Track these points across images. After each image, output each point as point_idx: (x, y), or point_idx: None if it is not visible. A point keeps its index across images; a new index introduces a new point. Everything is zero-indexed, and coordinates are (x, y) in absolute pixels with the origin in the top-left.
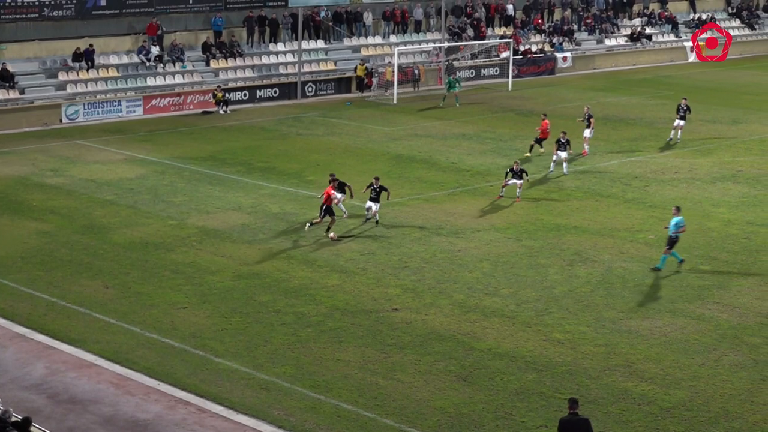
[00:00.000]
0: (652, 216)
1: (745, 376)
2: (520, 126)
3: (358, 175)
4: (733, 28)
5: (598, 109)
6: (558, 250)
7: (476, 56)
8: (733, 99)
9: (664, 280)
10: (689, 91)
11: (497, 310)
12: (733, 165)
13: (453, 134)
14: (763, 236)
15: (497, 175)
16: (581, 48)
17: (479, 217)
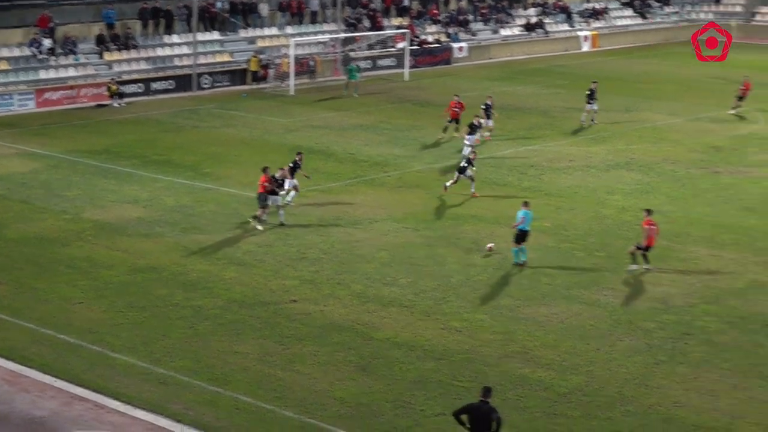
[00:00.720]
0: (548, 204)
1: (639, 361)
2: (417, 116)
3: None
4: (625, 17)
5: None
6: (455, 239)
7: (373, 47)
8: (626, 87)
9: (560, 267)
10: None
11: (395, 299)
12: (626, 153)
13: (350, 125)
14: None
15: (395, 166)
16: (477, 38)
17: (377, 207)
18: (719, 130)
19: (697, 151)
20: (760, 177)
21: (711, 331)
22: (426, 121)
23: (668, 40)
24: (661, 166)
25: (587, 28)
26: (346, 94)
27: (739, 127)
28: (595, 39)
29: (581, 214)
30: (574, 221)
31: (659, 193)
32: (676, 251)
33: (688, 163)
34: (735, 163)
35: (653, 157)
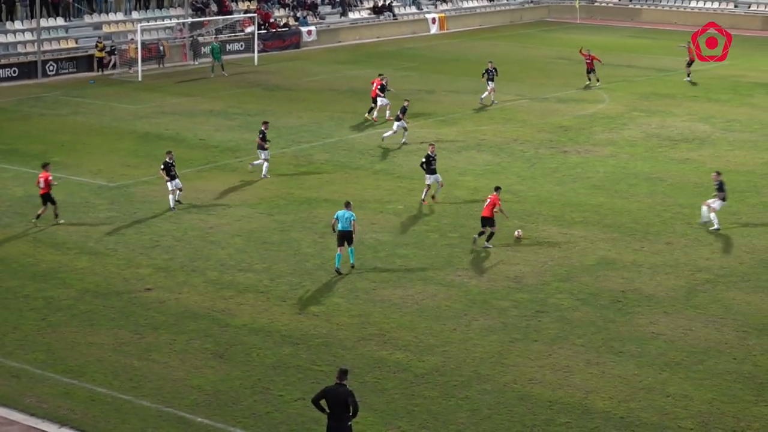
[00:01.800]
0: (400, 186)
1: (495, 339)
2: (267, 101)
3: (105, 155)
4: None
5: (343, 82)
6: (310, 223)
7: (221, 31)
8: (475, 69)
9: (414, 249)
10: (432, 62)
11: (251, 285)
12: (476, 134)
13: (200, 111)
14: (507, 203)
15: (246, 151)
16: (325, 21)
17: (230, 193)
18: (565, 110)
19: (545, 131)
20: (606, 156)
21: (564, 308)
22: (276, 105)
23: (514, 21)
24: (511, 147)
25: (435, 11)
26: (213, 76)
27: (584, 107)
28: (443, 21)
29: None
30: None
31: (510, 173)
32: (527, 230)
33: (536, 143)
34: (582, 142)
35: (503, 138)
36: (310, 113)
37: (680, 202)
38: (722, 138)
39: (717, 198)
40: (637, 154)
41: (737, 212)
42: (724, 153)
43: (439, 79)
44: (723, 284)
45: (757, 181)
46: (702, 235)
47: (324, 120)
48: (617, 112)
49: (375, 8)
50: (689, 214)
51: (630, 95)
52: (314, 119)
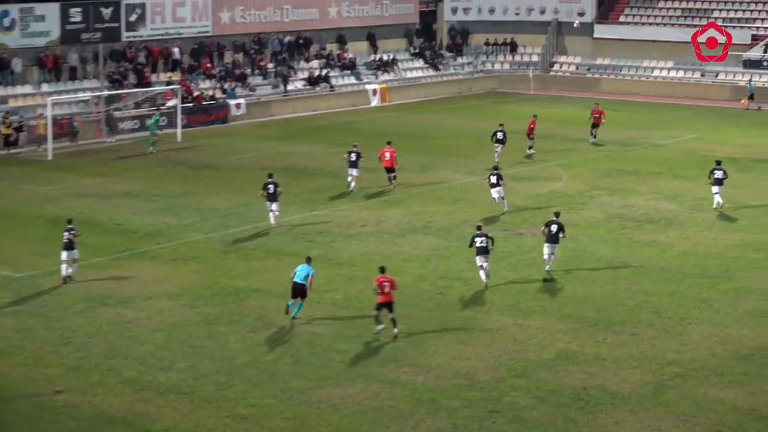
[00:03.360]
0: (339, 274)
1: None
2: (191, 181)
3: (11, 242)
4: (416, 69)
5: (276, 160)
6: (238, 315)
7: (140, 105)
8: (420, 144)
9: (355, 343)
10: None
11: (173, 386)
12: (422, 215)
13: (117, 192)
14: (456, 290)
15: (168, 236)
16: (256, 94)
17: (150, 283)
18: (519, 189)
19: (498, 211)
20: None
21: (520, 407)
22: (202, 185)
23: (462, 93)
24: (460, 230)
25: (375, 82)
26: (153, 151)
27: (540, 185)
28: (384, 93)
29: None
30: (368, 292)
31: (459, 258)
32: (479, 321)
33: (488, 225)
34: (538, 223)
35: (451, 220)
36: (239, 194)
37: (646, 288)
38: (690, 218)
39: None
40: (599, 237)
41: (708, 299)
42: (692, 234)
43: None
44: (694, 379)
45: (729, 264)
46: (670, 325)
47: (254, 201)
48: (576, 191)
49: (310, 79)
50: (656, 303)
51: (590, 172)
52: (244, 201)
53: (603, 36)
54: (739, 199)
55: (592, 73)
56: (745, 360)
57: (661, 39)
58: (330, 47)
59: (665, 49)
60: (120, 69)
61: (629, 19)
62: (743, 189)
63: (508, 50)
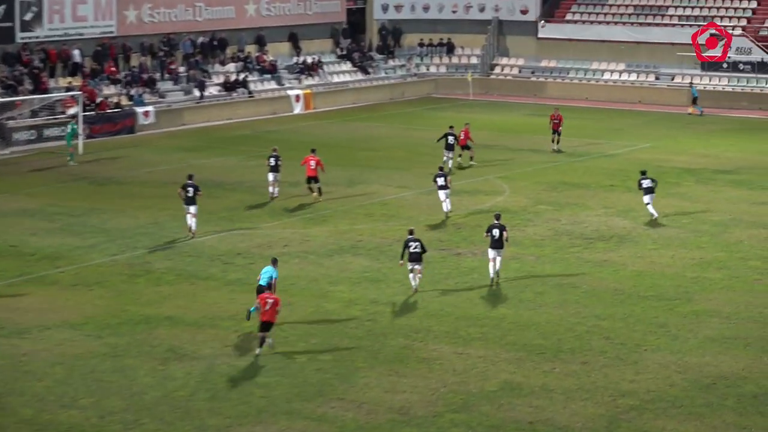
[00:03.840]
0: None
1: None
2: (95, 197)
3: None
4: (343, 72)
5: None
6: (148, 346)
7: (37, 113)
8: (349, 156)
9: (278, 377)
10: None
11: (76, 425)
12: (351, 234)
13: (11, 210)
14: (389, 316)
15: (69, 259)
16: (166, 100)
17: (49, 311)
18: (458, 204)
19: (434, 229)
20: (508, 258)
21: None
22: (107, 203)
23: (395, 99)
24: (394, 249)
25: (299, 87)
26: (73, 163)
27: (480, 200)
28: (308, 99)
29: (300, 310)
30: (291, 319)
31: (392, 281)
32: (415, 350)
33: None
34: (478, 242)
35: (383, 239)
36: (148, 211)
37: (597, 312)
38: (645, 235)
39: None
40: (545, 256)
41: (665, 323)
42: (647, 252)
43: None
44: (650, 411)
45: (688, 286)
46: (624, 352)
47: (165, 219)
48: (520, 206)
49: (226, 84)
50: (608, 328)
51: (535, 185)
52: (153, 219)
53: (548, 36)
54: (699, 214)
55: (536, 77)
56: (706, 390)
57: (611, 39)
58: (248, 49)
59: (617, 49)
60: (14, 73)
61: (577, 17)
62: (703, 203)
63: (444, 51)
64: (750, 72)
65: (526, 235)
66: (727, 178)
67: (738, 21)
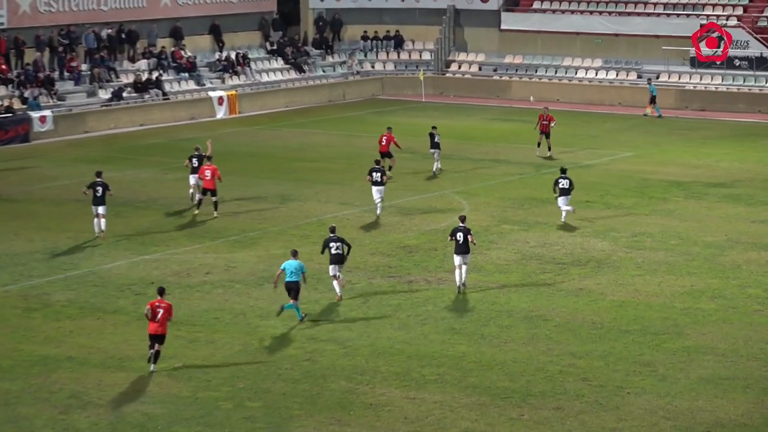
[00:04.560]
0: (177, 336)
1: None
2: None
3: None
4: (274, 70)
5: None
6: (47, 392)
7: None
8: (281, 168)
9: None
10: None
11: None
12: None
13: None
14: (329, 355)
15: None
16: (66, 104)
17: None
18: (409, 225)
19: (381, 253)
20: (468, 287)
21: None
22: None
23: (335, 101)
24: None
25: (222, 87)
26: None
27: (434, 219)
28: (233, 102)
29: (225, 348)
30: (215, 359)
31: (333, 313)
32: (360, 394)
33: (369, 270)
34: (433, 268)
35: (322, 265)
36: (45, 234)
37: (572, 349)
38: (627, 258)
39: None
40: (511, 284)
41: (651, 362)
42: (630, 279)
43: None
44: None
45: (678, 317)
46: (603, 396)
47: (65, 243)
48: (481, 226)
49: (137, 84)
50: (585, 367)
51: (498, 201)
52: (51, 242)
53: (513, 27)
54: (690, 234)
55: (499, 75)
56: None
57: (586, 31)
58: (162, 43)
59: (592, 43)
60: None
61: (546, 5)
62: (694, 221)
63: (392, 46)
64: (747, 69)
65: (489, 260)
66: (721, 192)
67: (733, 10)
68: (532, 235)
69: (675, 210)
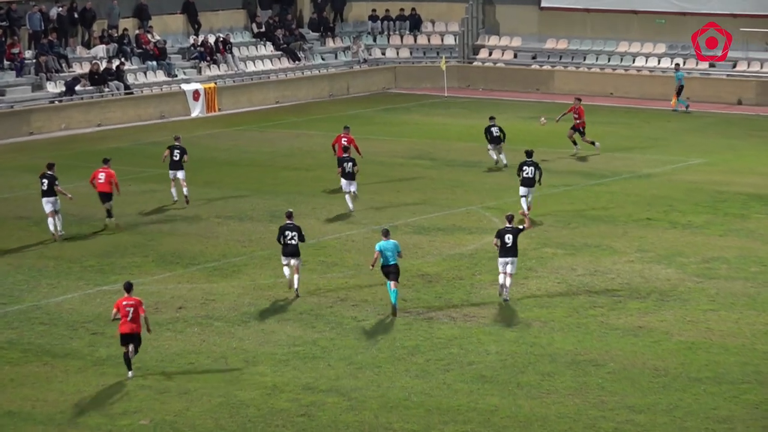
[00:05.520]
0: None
1: None
2: None
3: None
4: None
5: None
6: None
7: None
8: (269, 178)
9: None
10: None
11: None
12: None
13: None
14: (331, 410)
15: None
16: (6, 99)
17: None
18: (428, 247)
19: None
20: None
21: None
22: None
23: (336, 95)
24: (336, 312)
25: (198, 79)
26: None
27: (461, 241)
28: (212, 96)
29: (202, 401)
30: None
31: (335, 357)
32: None
33: (380, 304)
34: (459, 302)
35: (322, 297)
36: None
37: (630, 402)
38: (698, 290)
39: None
40: (555, 321)
41: (729, 418)
42: (701, 315)
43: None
44: None
45: (760, 363)
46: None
47: (6, 271)
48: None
49: (94, 75)
50: (647, 425)
51: (538, 219)
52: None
53: (555, 4)
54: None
55: (539, 63)
56: None
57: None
58: (124, 24)
59: (653, 24)
60: None
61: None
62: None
63: (407, 28)
64: None
65: (528, 291)
66: None
67: None
68: (580, 260)
69: (756, 230)
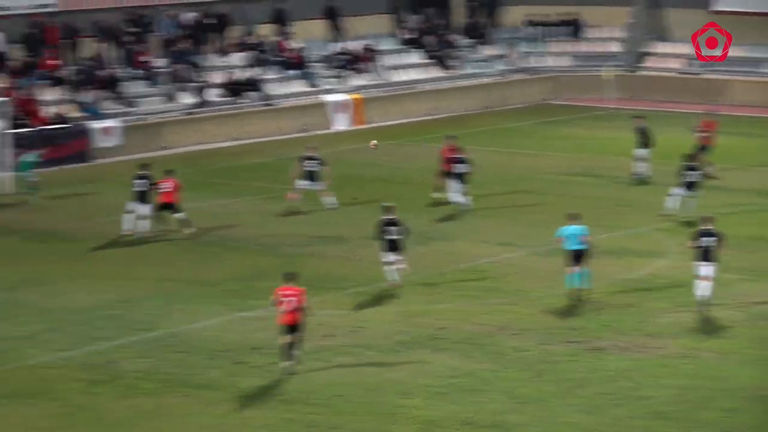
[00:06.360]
0: (288, 420)
1: None
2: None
3: None
4: (412, 67)
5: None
6: None
7: None
8: (421, 197)
9: None
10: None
11: None
12: (428, 318)
13: None
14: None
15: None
16: (136, 111)
17: None
18: (595, 271)
19: (558, 310)
20: (678, 355)
21: None
22: (51, 269)
23: (492, 107)
24: (496, 340)
25: (343, 89)
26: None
27: (631, 264)
28: (358, 108)
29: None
30: None
31: (495, 389)
32: None
33: (542, 332)
34: (629, 331)
35: (477, 326)
36: (113, 283)
37: None
38: None
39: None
40: (736, 353)
41: None
42: None
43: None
44: None
45: None
46: None
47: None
48: (691, 275)
49: (229, 85)
50: None
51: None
52: (122, 294)
53: (730, 8)
54: None
55: (715, 72)
56: None
57: None
58: (262, 30)
59: None
60: None
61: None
62: None
63: (568, 33)
64: None
65: (705, 320)
66: None
67: None
68: (763, 286)
69: None
